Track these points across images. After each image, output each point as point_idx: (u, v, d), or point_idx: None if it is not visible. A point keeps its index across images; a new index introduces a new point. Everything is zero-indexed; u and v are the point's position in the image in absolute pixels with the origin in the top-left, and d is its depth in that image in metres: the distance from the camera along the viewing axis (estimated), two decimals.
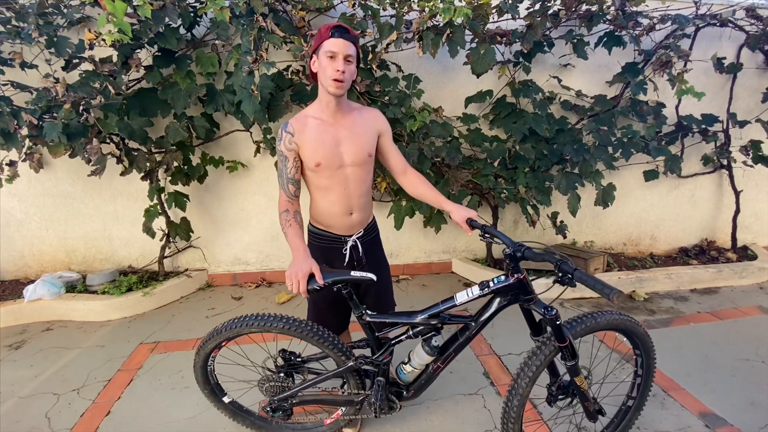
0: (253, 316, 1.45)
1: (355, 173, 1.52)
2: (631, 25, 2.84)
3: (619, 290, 1.13)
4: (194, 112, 2.79)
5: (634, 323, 1.50)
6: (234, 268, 3.37)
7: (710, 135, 3.29)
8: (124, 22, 2.11)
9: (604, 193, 3.07)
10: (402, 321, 1.46)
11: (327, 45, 1.35)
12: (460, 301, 1.38)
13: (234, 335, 1.47)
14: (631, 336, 1.54)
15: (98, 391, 2.09)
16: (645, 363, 1.60)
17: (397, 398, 1.56)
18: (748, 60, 3.35)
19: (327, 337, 1.45)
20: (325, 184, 1.50)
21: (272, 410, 1.57)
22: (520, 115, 2.98)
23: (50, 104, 2.41)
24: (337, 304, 1.62)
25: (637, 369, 1.63)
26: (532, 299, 1.35)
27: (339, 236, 1.58)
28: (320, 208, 1.56)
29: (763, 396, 1.99)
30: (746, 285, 3.25)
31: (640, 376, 1.63)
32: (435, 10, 2.54)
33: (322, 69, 1.38)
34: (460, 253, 3.59)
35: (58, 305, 2.79)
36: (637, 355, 1.61)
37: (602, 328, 1.45)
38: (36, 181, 2.98)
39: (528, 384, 1.34)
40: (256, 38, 2.41)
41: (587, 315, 1.42)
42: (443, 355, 1.47)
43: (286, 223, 1.44)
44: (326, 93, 1.42)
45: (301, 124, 1.44)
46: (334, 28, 1.35)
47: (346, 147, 1.48)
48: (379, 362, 1.50)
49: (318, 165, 1.45)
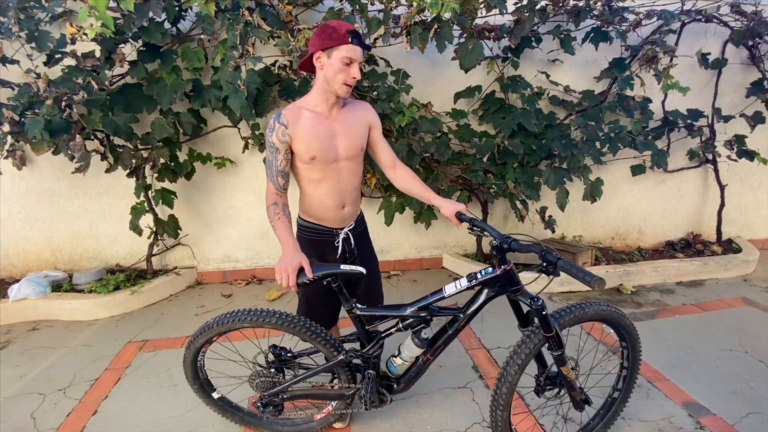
0: (245, 311, 1.46)
1: (348, 167, 1.53)
2: (618, 20, 2.86)
3: (600, 278, 1.14)
4: (181, 108, 2.75)
5: (621, 315, 1.51)
6: (223, 266, 3.35)
7: (696, 130, 3.34)
8: (106, 16, 2.07)
9: (592, 187, 3.10)
10: (392, 314, 1.47)
11: (346, 50, 1.35)
12: (448, 293, 1.40)
13: (226, 330, 1.47)
14: (618, 328, 1.55)
15: (85, 390, 2.07)
16: (631, 355, 1.61)
17: (388, 391, 1.58)
18: (732, 55, 3.40)
19: (318, 332, 1.47)
20: (318, 177, 1.49)
21: (263, 406, 1.57)
22: (509, 110, 2.99)
23: (32, 100, 2.36)
24: (327, 299, 1.62)
25: (623, 361, 1.65)
26: (519, 290, 1.37)
27: (331, 229, 1.58)
28: (312, 201, 1.55)
29: (745, 385, 2.03)
30: (731, 277, 3.31)
31: (626, 368, 1.65)
32: (423, 4, 2.52)
33: (335, 71, 1.38)
34: (450, 248, 3.61)
35: (44, 305, 2.75)
36: (623, 348, 1.63)
37: (590, 319, 1.47)
38: (19, 178, 2.93)
39: (516, 372, 1.37)
40: (243, 33, 2.39)
41: (575, 305, 1.44)
42: (432, 347, 1.49)
43: (275, 216, 1.44)
44: (330, 92, 1.43)
45: (295, 116, 1.43)
46: (353, 33, 1.35)
47: (341, 141, 1.49)
48: (369, 355, 1.51)
49: (313, 158, 1.44)
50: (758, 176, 3.84)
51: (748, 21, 3.10)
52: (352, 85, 1.42)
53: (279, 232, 1.41)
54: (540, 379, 1.51)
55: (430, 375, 2.11)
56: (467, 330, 2.54)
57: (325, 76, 1.40)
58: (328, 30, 1.36)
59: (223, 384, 1.78)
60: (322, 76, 1.41)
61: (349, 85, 1.40)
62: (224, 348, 1.82)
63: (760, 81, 3.28)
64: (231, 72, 2.37)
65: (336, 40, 1.35)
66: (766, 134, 3.66)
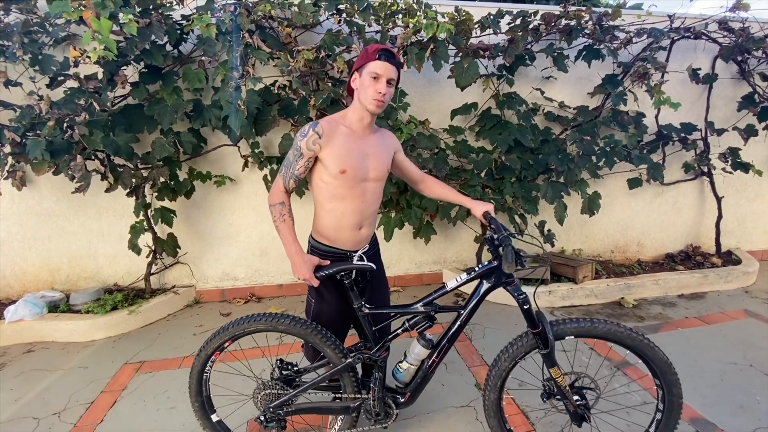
0: (259, 314, 1.51)
1: (373, 188, 1.55)
2: (609, 38, 2.94)
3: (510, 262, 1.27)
4: (181, 128, 2.78)
5: (645, 342, 1.32)
6: (222, 284, 3.33)
7: (690, 143, 3.38)
8: (110, 40, 2.12)
9: (589, 201, 3.12)
10: (398, 311, 1.53)
11: (372, 66, 1.40)
12: (450, 287, 1.48)
13: (240, 332, 1.50)
14: (645, 359, 1.37)
15: (80, 414, 2.03)
16: (667, 398, 1.34)
17: (394, 403, 1.59)
18: (723, 70, 3.48)
19: (328, 336, 1.51)
20: (343, 194, 1.49)
21: (266, 421, 1.56)
22: (505, 126, 3.04)
23: (34, 121, 2.39)
24: (338, 318, 1.62)
25: (658, 402, 1.40)
26: (512, 282, 1.45)
27: (345, 252, 1.55)
28: (330, 220, 1.52)
29: (752, 399, 2.00)
30: (732, 289, 3.29)
31: (661, 411, 1.38)
32: (419, 25, 2.59)
33: (364, 87, 1.42)
34: (450, 263, 3.59)
35: (40, 326, 2.71)
36: (656, 386, 1.39)
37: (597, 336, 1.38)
38: (19, 198, 2.93)
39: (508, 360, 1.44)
40: (243, 54, 2.44)
41: (581, 318, 1.44)
42: (438, 348, 1.53)
43: (280, 217, 1.46)
44: (363, 109, 1.46)
45: (332, 129, 1.45)
46: (381, 51, 1.40)
47: (371, 162, 1.51)
48: (377, 357, 1.53)
49: (343, 172, 1.45)
50: (754, 188, 3.87)
51: (736, 37, 3.18)
52: (382, 100, 1.42)
53: (284, 234, 1.46)
54: (546, 384, 1.54)
55: (432, 394, 2.08)
56: (469, 347, 2.51)
57: (359, 94, 1.46)
58: (363, 52, 1.45)
59: (224, 404, 1.74)
60: (356, 95, 1.47)
61: (378, 100, 1.42)
62: (229, 369, 1.80)
63: (750, 95, 3.34)
64: (232, 92, 2.41)
65: (365, 58, 1.42)
66: (759, 146, 3.71)
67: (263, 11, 2.48)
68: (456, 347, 2.51)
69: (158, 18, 2.40)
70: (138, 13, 2.36)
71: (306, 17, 2.56)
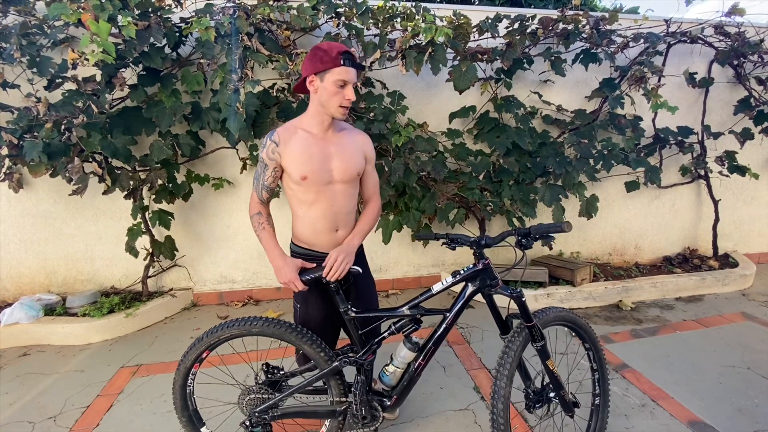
0: (232, 320, 1.47)
1: (343, 190, 1.51)
2: (606, 42, 2.95)
3: (567, 221, 1.28)
4: (179, 130, 2.78)
5: (575, 315, 1.58)
6: (220, 287, 3.31)
7: (687, 146, 3.40)
8: (108, 42, 2.12)
9: (587, 204, 3.12)
10: (385, 314, 1.51)
11: (339, 72, 1.34)
12: (436, 290, 1.48)
13: (215, 341, 1.47)
14: (577, 330, 1.61)
15: (76, 418, 2.01)
16: (596, 356, 1.66)
17: (380, 406, 1.56)
18: (719, 74, 3.50)
19: (312, 337, 1.47)
20: (312, 198, 1.48)
21: (251, 425, 1.53)
22: (503, 129, 3.04)
23: (31, 123, 2.38)
24: (325, 323, 1.61)
25: (592, 364, 1.68)
26: (497, 283, 1.46)
27: (325, 254, 1.51)
28: (304, 225, 1.53)
29: (750, 402, 2.00)
30: (729, 292, 3.30)
31: (597, 371, 1.68)
32: (417, 29, 2.60)
33: (330, 94, 1.37)
34: (449, 266, 3.59)
35: (36, 329, 2.69)
36: (587, 350, 1.67)
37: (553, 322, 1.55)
38: (15, 201, 2.92)
39: (511, 364, 1.43)
40: (242, 57, 2.44)
41: (542, 310, 1.55)
42: (424, 351, 1.52)
43: (259, 227, 1.51)
44: (325, 114, 1.43)
45: (289, 135, 1.44)
46: (345, 54, 1.34)
47: (335, 164, 1.48)
48: (363, 361, 1.51)
49: (304, 178, 1.43)
50: (751, 191, 3.89)
51: (732, 41, 3.20)
52: (348, 106, 1.41)
53: (265, 241, 1.48)
54: (528, 391, 1.54)
55: (430, 397, 2.07)
56: (468, 350, 2.50)
57: (320, 99, 1.40)
58: (320, 53, 1.35)
59: (213, 415, 1.73)
60: (316, 99, 1.42)
61: (344, 107, 1.40)
62: (212, 376, 1.78)
63: (746, 98, 3.37)
64: (230, 95, 2.41)
65: (328, 62, 1.34)
66: (755, 150, 3.74)
67: (262, 14, 2.49)
68: (454, 350, 2.51)
69: (157, 21, 2.41)
70: (137, 15, 2.36)
71: (305, 20, 2.57)
